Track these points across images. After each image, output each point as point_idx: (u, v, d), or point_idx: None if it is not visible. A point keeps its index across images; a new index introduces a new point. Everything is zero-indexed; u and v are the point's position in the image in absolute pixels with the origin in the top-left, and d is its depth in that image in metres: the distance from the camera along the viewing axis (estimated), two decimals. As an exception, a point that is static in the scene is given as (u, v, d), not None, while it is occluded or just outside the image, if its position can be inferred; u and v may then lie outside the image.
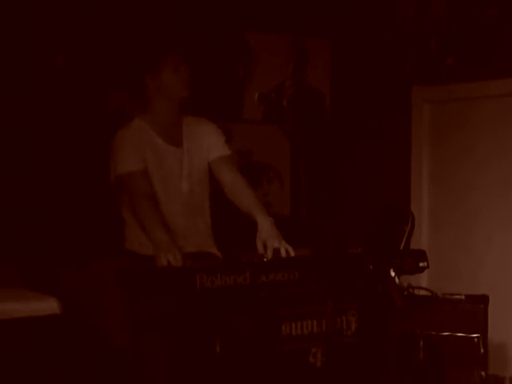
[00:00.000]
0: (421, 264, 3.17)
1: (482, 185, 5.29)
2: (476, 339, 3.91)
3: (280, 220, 5.41)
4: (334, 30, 5.79)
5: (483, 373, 3.94)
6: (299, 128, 4.62)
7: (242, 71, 5.37)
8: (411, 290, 4.09)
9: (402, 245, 5.05)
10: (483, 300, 4.02)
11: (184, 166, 3.42)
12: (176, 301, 2.73)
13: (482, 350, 3.93)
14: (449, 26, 5.40)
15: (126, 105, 4.59)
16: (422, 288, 4.17)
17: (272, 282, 2.77)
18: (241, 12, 5.22)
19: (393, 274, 3.01)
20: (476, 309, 4.00)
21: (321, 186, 5.41)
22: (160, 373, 2.97)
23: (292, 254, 3.05)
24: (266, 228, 3.21)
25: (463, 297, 4.05)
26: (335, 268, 2.86)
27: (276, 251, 3.05)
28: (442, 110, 5.56)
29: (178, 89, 3.41)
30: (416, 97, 5.63)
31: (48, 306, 2.85)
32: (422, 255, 3.22)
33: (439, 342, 3.89)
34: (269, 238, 3.13)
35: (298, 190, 5.51)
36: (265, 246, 3.09)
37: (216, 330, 2.72)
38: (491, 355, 4.33)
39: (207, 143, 3.51)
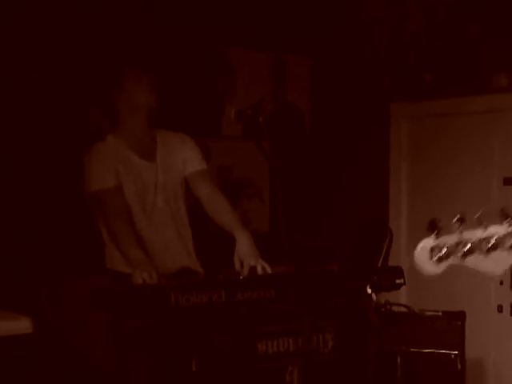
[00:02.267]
0: (397, 281, 3.17)
1: (460, 200, 5.29)
2: (453, 356, 3.92)
3: (259, 236, 5.42)
4: (313, 46, 5.82)
5: (461, 389, 3.95)
6: (276, 144, 4.62)
7: (221, 88, 5.37)
8: (388, 307, 4.09)
9: (380, 261, 5.06)
10: (460, 316, 4.02)
11: (159, 180, 3.40)
12: (151, 319, 2.71)
13: (460, 367, 3.93)
14: (427, 42, 5.44)
15: (102, 121, 4.59)
16: (399, 304, 4.18)
17: (248, 299, 2.77)
18: (220, 29, 5.23)
19: (369, 291, 3.00)
20: (453, 325, 4.01)
21: (299, 202, 5.44)
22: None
23: (269, 271, 3.04)
24: (243, 245, 3.22)
25: (440, 313, 4.05)
26: (312, 285, 2.86)
27: (252, 269, 3.04)
28: (420, 126, 5.58)
29: (144, 99, 3.39)
30: (394, 113, 5.64)
31: (20, 325, 2.81)
32: (398, 272, 3.22)
33: (417, 359, 3.89)
34: (246, 256, 3.14)
35: (277, 206, 5.54)
36: (241, 264, 3.08)
37: (192, 348, 2.71)
38: (468, 372, 4.34)
39: (183, 157, 3.49)
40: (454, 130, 5.35)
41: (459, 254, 1.82)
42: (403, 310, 4.11)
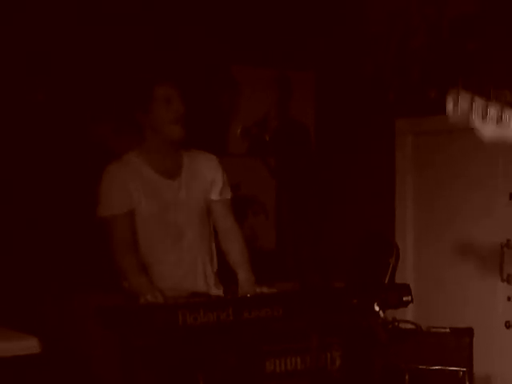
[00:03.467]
0: (405, 298, 3.16)
1: (466, 215, 5.30)
2: (461, 373, 3.89)
3: (265, 253, 5.44)
4: (317, 62, 5.84)
5: (469, 406, 3.92)
6: (282, 161, 4.64)
7: (227, 105, 5.39)
8: (396, 324, 4.08)
9: (387, 278, 5.04)
10: (468, 333, 4.00)
11: (180, 197, 3.35)
12: (158, 338, 2.70)
13: (468, 383, 3.91)
14: (431, 58, 5.46)
15: (109, 138, 4.58)
16: (406, 321, 4.16)
17: (256, 318, 2.76)
18: (226, 46, 5.25)
19: (377, 308, 3.00)
20: (461, 342, 3.98)
21: (305, 218, 5.43)
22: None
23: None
24: (245, 282, 3.33)
25: (448, 330, 4.03)
26: (319, 303, 2.86)
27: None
28: (425, 142, 5.58)
29: (170, 125, 3.33)
30: (399, 129, 5.66)
31: (28, 344, 2.81)
32: (406, 289, 3.21)
33: (425, 376, 3.87)
34: (247, 288, 3.25)
35: (283, 222, 5.56)
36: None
37: (199, 367, 2.70)
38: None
39: (211, 178, 3.45)
40: (459, 146, 5.33)
41: None
42: (410, 326, 4.08)
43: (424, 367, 3.92)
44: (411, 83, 5.55)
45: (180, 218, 3.32)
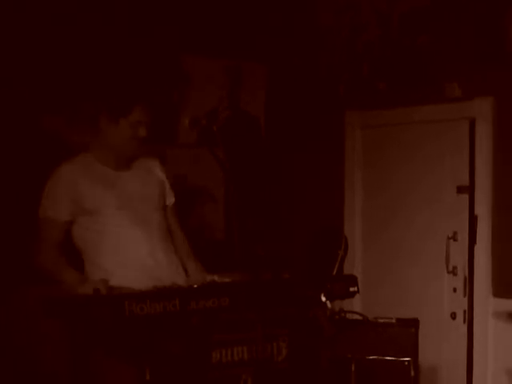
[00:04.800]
0: (351, 289, 3.18)
1: (413, 207, 5.37)
2: (407, 362, 3.95)
3: (214, 244, 5.44)
4: (269, 54, 5.84)
5: (414, 396, 3.98)
6: (231, 152, 4.62)
7: (177, 95, 5.36)
8: (343, 314, 4.13)
9: (336, 269, 5.09)
10: (414, 323, 4.05)
11: (136, 187, 3.33)
12: (105, 328, 2.68)
13: (413, 373, 3.96)
14: (381, 52, 5.50)
15: (62, 130, 4.53)
16: (353, 312, 4.21)
17: (202, 308, 2.75)
18: (176, 36, 5.22)
19: (324, 298, 3.02)
20: (407, 332, 4.03)
21: (254, 209, 5.45)
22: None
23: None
24: (195, 270, 3.40)
25: (394, 320, 4.08)
26: (266, 294, 2.87)
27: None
28: (374, 134, 5.63)
29: (127, 146, 3.28)
30: (349, 121, 5.70)
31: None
32: (353, 280, 3.23)
33: (371, 366, 3.91)
34: (198, 276, 3.30)
35: (232, 213, 5.52)
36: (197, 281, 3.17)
37: (145, 358, 2.69)
38: (422, 378, 4.39)
39: (162, 179, 3.46)
40: (407, 138, 5.41)
41: None
42: (357, 317, 4.13)
43: (370, 357, 3.97)
44: (361, 77, 5.59)
45: (142, 207, 3.30)
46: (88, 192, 3.21)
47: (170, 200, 3.51)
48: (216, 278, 3.15)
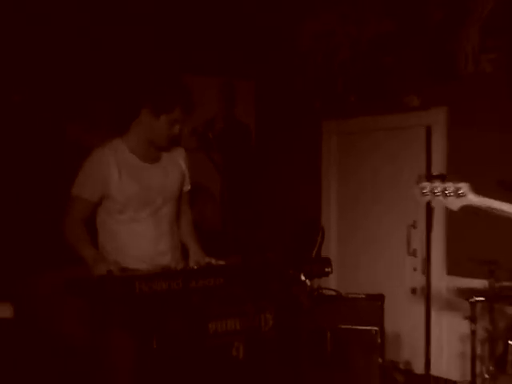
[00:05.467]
0: (326, 269, 3.17)
1: (380, 200, 5.38)
2: (374, 331, 3.96)
3: (213, 234, 5.43)
4: (257, 72, 5.86)
5: (380, 359, 3.98)
6: (225, 155, 4.61)
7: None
8: (320, 291, 4.13)
9: (315, 253, 5.09)
10: (380, 298, 4.07)
11: (159, 181, 3.22)
12: (119, 304, 2.67)
13: (379, 341, 3.98)
14: (353, 70, 5.51)
15: (82, 137, 4.50)
16: (329, 289, 4.21)
17: (201, 286, 2.74)
18: (179, 59, 5.22)
19: (303, 277, 3.01)
20: (374, 305, 4.05)
21: (245, 203, 5.44)
22: (112, 362, 2.90)
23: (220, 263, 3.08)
24: (197, 253, 3.31)
25: (363, 295, 4.09)
26: (255, 274, 2.87)
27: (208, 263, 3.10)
28: (347, 140, 5.63)
29: (164, 140, 3.19)
30: (325, 129, 5.70)
31: (1, 309, 2.73)
32: (327, 262, 3.22)
33: (343, 335, 3.92)
34: (199, 258, 3.21)
35: (227, 207, 5.50)
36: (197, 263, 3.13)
37: (153, 329, 2.68)
38: (387, 344, 4.40)
39: (184, 168, 3.37)
40: (375, 142, 5.42)
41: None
42: (332, 293, 4.14)
43: (343, 327, 3.97)
44: (336, 91, 5.60)
45: (159, 199, 3.20)
46: (116, 179, 3.10)
47: (187, 187, 3.41)
48: (213, 260, 3.13)
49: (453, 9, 4.86)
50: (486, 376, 3.89)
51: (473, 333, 3.97)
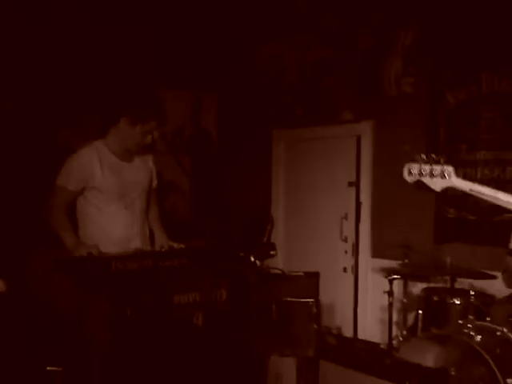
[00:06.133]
0: (271, 252, 3.19)
1: (319, 196, 5.42)
2: (311, 303, 3.96)
3: (182, 222, 5.43)
4: (220, 87, 5.86)
5: (316, 326, 4.00)
6: (192, 157, 4.61)
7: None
8: (268, 270, 4.14)
9: (265, 238, 5.13)
10: (316, 275, 4.04)
11: (133, 177, 3.19)
12: (98, 280, 2.66)
13: (315, 310, 3.97)
14: (299, 88, 5.54)
15: (71, 140, 4.43)
16: (275, 268, 4.22)
17: (168, 265, 2.74)
18: (154, 74, 5.19)
19: (253, 259, 3.03)
20: (311, 281, 4.02)
21: (208, 198, 5.46)
22: (93, 328, 2.88)
23: (181, 247, 3.08)
24: (161, 237, 3.29)
25: (302, 273, 4.10)
26: (214, 255, 2.89)
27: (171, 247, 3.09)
28: (293, 146, 5.66)
29: (135, 146, 3.14)
30: (275, 137, 5.72)
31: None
32: (272, 246, 3.24)
33: (286, 306, 3.92)
34: (164, 243, 3.19)
35: (195, 201, 5.54)
36: (162, 247, 3.11)
37: (127, 300, 2.67)
38: (323, 313, 4.44)
39: (152, 168, 3.34)
40: (316, 148, 5.46)
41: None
42: (277, 271, 4.14)
43: (286, 299, 3.98)
44: (285, 105, 5.62)
45: (133, 193, 3.18)
46: (99, 173, 3.06)
47: (155, 183, 3.40)
48: (175, 244, 3.13)
49: (380, 39, 4.93)
50: (401, 339, 3.97)
51: (390, 304, 4.02)
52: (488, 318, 3.32)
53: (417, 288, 4.11)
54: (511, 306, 3.27)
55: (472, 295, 3.34)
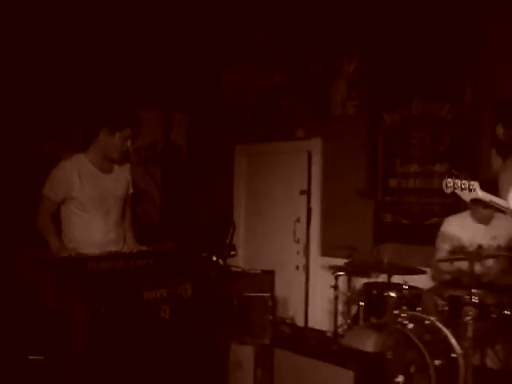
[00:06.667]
0: (232, 253, 3.16)
1: (276, 202, 5.42)
2: (267, 297, 3.95)
3: (154, 226, 5.36)
4: (189, 107, 5.82)
5: (271, 317, 3.99)
6: (163, 169, 4.55)
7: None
8: (229, 268, 4.11)
9: (228, 240, 5.08)
10: (271, 273, 4.06)
11: (111, 187, 3.12)
12: (76, 278, 2.59)
13: (271, 303, 3.95)
14: (259, 109, 5.55)
15: (55, 151, 4.33)
16: (236, 266, 4.20)
17: (138, 265, 2.69)
18: (131, 96, 5.13)
19: (215, 258, 3.00)
20: (267, 278, 4.04)
21: (178, 205, 5.40)
22: (74, 321, 2.80)
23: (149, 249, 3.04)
24: (131, 242, 3.24)
25: (260, 271, 4.10)
26: (179, 255, 2.85)
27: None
28: (253, 159, 5.66)
29: (117, 154, 3.08)
30: (238, 151, 5.71)
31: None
32: (233, 247, 3.22)
33: (245, 300, 3.90)
34: (133, 246, 3.16)
35: (165, 207, 5.45)
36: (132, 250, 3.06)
37: (101, 298, 2.61)
38: (278, 306, 4.45)
39: (129, 178, 3.28)
40: (273, 162, 5.48)
41: None
42: (238, 269, 4.13)
43: (246, 294, 3.96)
44: (246, 123, 5.63)
45: (110, 201, 3.12)
46: (78, 184, 3.00)
47: (130, 191, 3.33)
48: (144, 247, 3.08)
49: (329, 67, 4.98)
50: (345, 327, 3.99)
51: (336, 297, 4.05)
52: (419, 309, 3.37)
53: (359, 283, 4.14)
54: (437, 297, 3.32)
55: (405, 289, 3.37)
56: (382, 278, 3.92)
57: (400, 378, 2.81)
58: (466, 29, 4.15)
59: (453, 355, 3.03)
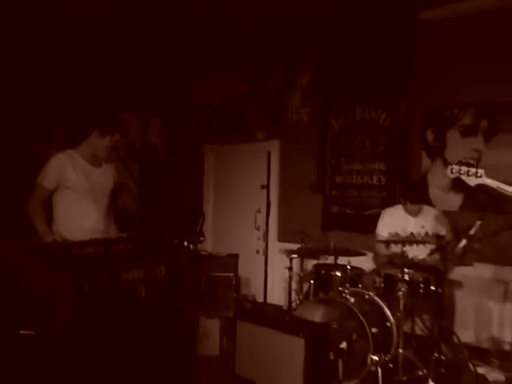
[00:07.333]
0: (201, 238, 3.15)
1: (239, 196, 5.42)
2: (231, 276, 4.00)
3: (131, 214, 5.27)
4: (164, 112, 5.75)
5: (235, 294, 4.03)
6: (141, 166, 4.48)
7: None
8: (199, 252, 4.11)
9: (198, 228, 5.06)
10: (236, 256, 4.11)
11: (100, 180, 3.06)
12: (62, 262, 2.53)
13: (235, 282, 4.01)
14: (225, 113, 5.53)
15: (46, 151, 4.20)
16: (204, 250, 4.22)
17: (117, 250, 2.65)
18: (113, 99, 5.03)
19: (186, 244, 2.99)
20: (232, 260, 4.08)
21: (154, 197, 5.33)
22: (60, 301, 2.74)
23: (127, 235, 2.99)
24: (113, 230, 3.19)
25: (226, 254, 4.12)
26: (154, 241, 2.82)
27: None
28: (220, 158, 5.63)
29: (104, 154, 3.03)
30: (206, 150, 5.67)
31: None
32: (202, 234, 3.21)
33: (212, 279, 3.92)
34: (113, 233, 3.12)
35: (140, 199, 5.37)
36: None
37: (85, 278, 2.56)
38: (241, 284, 4.47)
39: (115, 172, 3.22)
40: (237, 160, 5.46)
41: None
42: (206, 253, 4.15)
43: (213, 274, 3.99)
44: (214, 126, 5.60)
45: (100, 193, 3.07)
46: (72, 175, 2.94)
47: (116, 184, 3.28)
48: (124, 235, 3.04)
49: (286, 79, 5.00)
50: (298, 302, 4.04)
51: (290, 277, 4.08)
52: (360, 285, 3.45)
53: (310, 264, 4.18)
54: (376, 276, 3.41)
55: (348, 269, 3.44)
56: (330, 259, 3.99)
57: (343, 345, 2.88)
58: (402, 49, 4.26)
59: (387, 324, 3.11)
